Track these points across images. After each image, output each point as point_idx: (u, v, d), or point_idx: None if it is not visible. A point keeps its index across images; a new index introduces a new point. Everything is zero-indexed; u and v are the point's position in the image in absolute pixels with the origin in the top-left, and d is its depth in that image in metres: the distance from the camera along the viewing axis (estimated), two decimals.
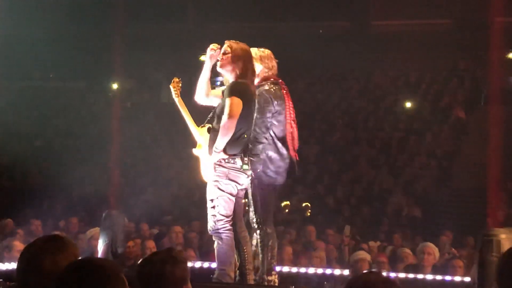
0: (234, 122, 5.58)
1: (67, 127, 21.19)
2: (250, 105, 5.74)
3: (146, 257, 3.63)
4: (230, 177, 5.71)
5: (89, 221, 12.14)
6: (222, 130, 5.61)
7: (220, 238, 5.75)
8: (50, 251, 3.24)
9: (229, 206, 5.75)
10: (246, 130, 5.74)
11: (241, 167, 5.71)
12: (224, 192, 5.71)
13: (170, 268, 3.47)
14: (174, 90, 6.34)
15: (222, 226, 5.73)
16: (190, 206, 15.78)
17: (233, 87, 5.70)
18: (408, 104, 20.94)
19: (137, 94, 22.53)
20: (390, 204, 16.27)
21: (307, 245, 9.95)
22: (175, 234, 9.97)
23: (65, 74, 23.80)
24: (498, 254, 5.10)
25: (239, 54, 5.83)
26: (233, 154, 5.68)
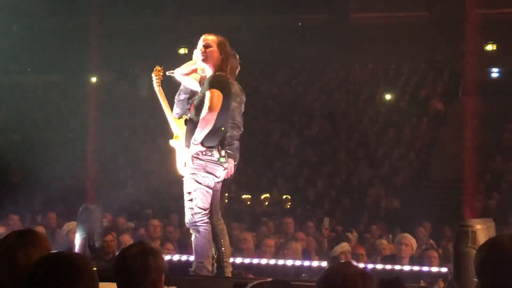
0: (214, 115, 5.57)
1: (45, 121, 21.06)
2: (228, 98, 5.74)
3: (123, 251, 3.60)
4: (208, 170, 5.69)
5: (67, 215, 12.07)
6: (202, 123, 5.60)
7: (197, 231, 5.74)
8: (23, 245, 3.22)
9: (206, 199, 5.73)
10: (224, 122, 5.73)
11: (218, 159, 5.69)
12: (202, 185, 5.70)
13: (154, 259, 3.46)
14: (156, 78, 6.29)
15: (200, 219, 5.71)
16: (169, 199, 15.74)
17: (214, 80, 5.67)
18: (387, 96, 21.03)
19: (116, 87, 22.42)
20: (369, 196, 16.34)
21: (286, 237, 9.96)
22: (153, 227, 9.95)
23: (42, 68, 23.63)
24: (473, 245, 5.12)
25: (220, 47, 5.81)
26: (210, 146, 5.66)
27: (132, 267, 3.43)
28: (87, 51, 9.61)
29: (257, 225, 12.19)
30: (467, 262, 5.10)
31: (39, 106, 22.09)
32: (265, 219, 12.66)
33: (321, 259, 8.51)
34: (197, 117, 5.66)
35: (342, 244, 8.42)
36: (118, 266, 3.50)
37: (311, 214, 14.33)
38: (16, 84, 23.28)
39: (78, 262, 2.65)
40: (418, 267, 7.30)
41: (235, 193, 15.31)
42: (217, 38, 5.86)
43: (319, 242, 10.46)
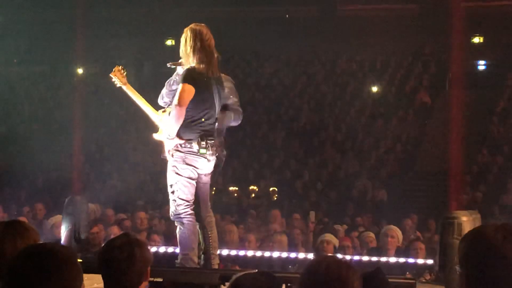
0: (183, 109, 5.53)
1: (31, 112, 20.97)
2: (204, 89, 5.68)
3: (109, 243, 3.60)
4: (187, 162, 5.67)
5: (53, 207, 12.03)
6: (171, 116, 5.60)
7: (181, 223, 5.72)
8: (10, 236, 3.20)
9: (188, 190, 5.71)
10: (204, 115, 5.69)
11: (198, 151, 5.66)
12: (182, 177, 5.68)
13: (139, 250, 3.47)
14: (117, 79, 6.15)
15: (183, 210, 5.69)
16: (156, 191, 15.72)
17: (185, 74, 5.65)
18: (374, 88, 21.05)
19: (102, 79, 22.32)
20: (356, 188, 16.38)
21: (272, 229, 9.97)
22: (140, 220, 9.93)
23: (28, 59, 23.49)
24: (459, 236, 5.13)
25: (192, 37, 5.75)
26: (189, 138, 5.64)
27: (117, 257, 3.43)
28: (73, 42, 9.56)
29: (244, 217, 12.20)
30: (453, 254, 5.11)
31: (25, 97, 21.99)
32: (252, 211, 12.68)
33: (307, 251, 8.51)
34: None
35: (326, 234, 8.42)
36: (103, 257, 3.49)
37: (298, 206, 14.36)
38: (2, 76, 23.14)
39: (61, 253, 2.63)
40: (404, 259, 7.32)
41: (222, 185, 15.30)
42: (187, 30, 5.80)
43: (305, 235, 10.47)
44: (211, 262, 5.91)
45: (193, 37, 5.73)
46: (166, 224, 10.09)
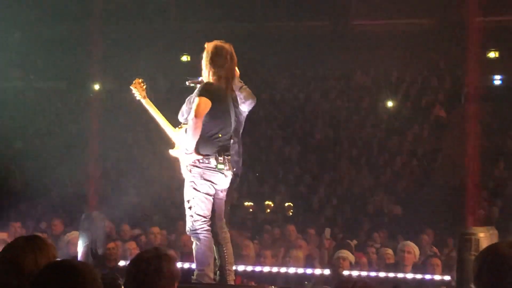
0: (199, 122, 5.56)
1: (48, 128, 21.07)
2: (221, 104, 5.71)
3: (138, 255, 3.62)
4: (205, 177, 5.69)
5: (69, 223, 12.07)
6: (189, 131, 5.62)
7: (198, 239, 5.73)
8: (30, 250, 3.23)
9: (206, 206, 5.72)
10: (221, 130, 5.71)
11: (216, 166, 5.68)
12: (200, 192, 5.70)
13: (167, 264, 3.49)
14: (137, 91, 6.19)
15: (200, 226, 5.70)
16: (171, 206, 15.73)
17: (202, 87, 5.70)
18: (389, 103, 21.01)
19: (118, 94, 22.42)
20: (371, 203, 16.32)
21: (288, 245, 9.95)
22: (153, 235, 9.94)
23: (45, 75, 23.64)
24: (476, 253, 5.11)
25: (212, 53, 5.82)
26: (206, 154, 5.66)
27: (144, 271, 3.45)
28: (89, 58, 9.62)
29: (259, 232, 12.19)
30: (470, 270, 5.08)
31: (41, 113, 22.11)
32: (267, 226, 12.65)
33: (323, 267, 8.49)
34: None
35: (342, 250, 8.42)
36: (131, 269, 3.51)
37: (313, 222, 14.32)
38: (19, 91, 23.30)
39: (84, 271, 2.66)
40: (421, 275, 7.28)
41: (237, 200, 15.30)
42: (210, 46, 5.87)
43: (320, 250, 10.44)
44: (226, 278, 5.91)
45: (215, 54, 5.80)
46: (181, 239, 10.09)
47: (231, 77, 5.87)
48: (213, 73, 5.78)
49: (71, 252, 7.78)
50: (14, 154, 19.00)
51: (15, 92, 23.23)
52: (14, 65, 22.85)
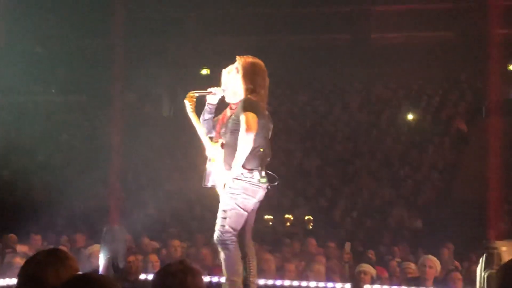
0: (252, 136, 5.59)
1: (69, 141, 21.19)
2: (261, 119, 5.76)
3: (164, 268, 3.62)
4: (247, 192, 5.72)
5: (90, 236, 12.11)
6: (241, 145, 5.62)
7: (227, 249, 5.74)
8: (52, 264, 3.24)
9: (239, 220, 5.75)
10: (261, 144, 5.76)
11: (259, 180, 5.72)
12: (239, 207, 5.73)
13: (192, 279, 3.47)
14: (189, 104, 6.28)
15: (229, 238, 5.73)
16: (191, 220, 15.76)
17: (246, 103, 5.71)
18: (409, 116, 20.94)
19: (139, 108, 22.54)
20: (391, 217, 16.25)
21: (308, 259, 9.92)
22: (173, 248, 9.95)
23: (66, 88, 23.81)
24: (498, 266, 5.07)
25: (247, 69, 5.86)
26: (251, 168, 5.70)
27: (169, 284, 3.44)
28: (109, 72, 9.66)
29: (279, 245, 12.16)
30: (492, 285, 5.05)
31: (62, 126, 22.25)
32: (287, 240, 12.62)
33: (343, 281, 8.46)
34: (233, 141, 5.70)
35: (363, 264, 8.40)
36: (157, 282, 3.51)
37: (334, 235, 14.27)
38: (40, 105, 23.47)
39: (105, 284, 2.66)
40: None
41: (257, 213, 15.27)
42: (245, 61, 5.90)
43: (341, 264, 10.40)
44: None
45: (252, 70, 5.84)
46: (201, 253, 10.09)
47: (265, 95, 5.92)
48: (250, 90, 5.81)
49: (93, 266, 7.81)
50: (36, 167, 19.12)
51: (37, 106, 23.42)
52: (36, 79, 23.05)
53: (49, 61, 22.29)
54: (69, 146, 20.82)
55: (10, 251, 9.02)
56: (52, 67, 22.64)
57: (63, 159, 19.85)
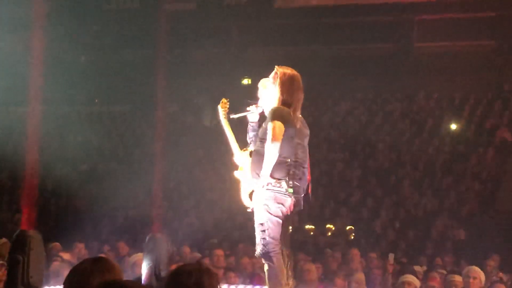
0: (277, 146, 5.62)
1: (112, 151, 21.40)
2: (290, 129, 5.76)
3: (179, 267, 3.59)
4: (278, 200, 5.74)
5: (133, 245, 12.20)
6: (267, 155, 5.65)
7: (271, 261, 5.77)
8: (97, 272, 3.27)
9: (277, 229, 5.78)
10: (289, 154, 5.77)
11: (287, 190, 5.74)
12: (273, 216, 5.75)
13: (208, 279, 3.46)
14: (222, 111, 6.37)
15: (273, 249, 5.75)
16: (232, 229, 15.79)
17: (275, 112, 5.75)
18: (453, 126, 20.74)
19: (180, 118, 22.69)
20: (435, 228, 16.08)
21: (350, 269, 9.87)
22: (217, 257, 9.98)
23: (109, 99, 24.08)
24: None
25: (284, 80, 5.88)
26: (278, 178, 5.71)
27: (185, 283, 3.42)
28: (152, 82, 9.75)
29: (320, 255, 12.12)
30: None
31: (105, 136, 22.49)
32: (329, 250, 12.58)
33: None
34: (262, 149, 5.72)
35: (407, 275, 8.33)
36: (171, 281, 3.49)
37: (375, 246, 14.18)
38: (84, 115, 23.77)
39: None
40: None
41: (298, 223, 15.26)
42: (281, 71, 5.92)
43: (383, 275, 10.33)
44: None
45: (288, 81, 5.88)
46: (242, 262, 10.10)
47: (298, 107, 5.93)
48: (283, 100, 5.84)
49: (136, 274, 7.86)
50: (80, 176, 19.35)
51: (80, 116, 23.72)
52: (80, 89, 23.35)
53: (93, 71, 22.56)
54: (112, 156, 21.02)
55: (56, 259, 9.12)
56: (96, 77, 22.91)
57: (106, 169, 20.06)
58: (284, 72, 5.93)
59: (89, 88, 23.68)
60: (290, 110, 5.82)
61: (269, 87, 5.97)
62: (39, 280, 6.35)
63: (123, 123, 23.57)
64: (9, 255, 6.40)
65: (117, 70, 22.64)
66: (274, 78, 5.93)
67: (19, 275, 6.17)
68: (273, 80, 5.93)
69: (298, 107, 5.94)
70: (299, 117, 6.14)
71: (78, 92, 23.62)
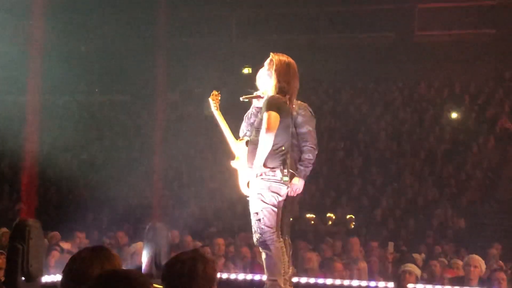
0: (272, 136, 5.62)
1: (112, 140, 21.40)
2: (286, 118, 5.75)
3: (174, 257, 3.59)
4: (272, 189, 5.75)
5: (133, 234, 12.22)
6: (261, 144, 5.65)
7: (268, 249, 5.79)
8: (97, 261, 3.27)
9: (273, 217, 5.79)
10: (284, 143, 5.77)
11: (281, 179, 5.74)
12: (268, 204, 5.76)
13: (202, 266, 3.44)
14: (213, 103, 6.40)
15: (269, 237, 5.77)
16: (232, 218, 15.80)
17: (270, 102, 5.72)
18: (454, 115, 20.71)
19: (181, 107, 22.68)
20: (435, 216, 16.09)
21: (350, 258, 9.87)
22: (218, 246, 9.99)
23: (110, 88, 24.05)
24: None
25: (280, 67, 5.83)
26: (272, 167, 5.71)
27: (179, 272, 3.41)
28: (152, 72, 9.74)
29: (320, 244, 12.13)
30: None
31: (106, 126, 22.48)
32: (329, 239, 12.58)
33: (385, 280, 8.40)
34: (257, 138, 5.72)
35: (408, 264, 8.35)
36: (167, 270, 3.49)
37: (376, 234, 14.19)
38: (84, 104, 23.75)
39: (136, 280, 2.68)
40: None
41: (299, 212, 15.26)
42: (277, 58, 5.87)
43: (383, 264, 10.34)
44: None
45: (282, 69, 5.82)
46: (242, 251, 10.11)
47: (294, 94, 5.90)
48: (279, 88, 5.80)
49: (136, 263, 7.87)
50: (80, 166, 19.36)
51: (81, 105, 23.69)
52: (80, 79, 23.31)
53: (93, 61, 22.52)
54: (113, 145, 21.02)
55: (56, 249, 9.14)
56: (96, 67, 22.87)
57: (106, 158, 20.06)
58: (280, 59, 5.87)
59: (89, 78, 23.65)
60: (286, 98, 5.79)
61: (264, 75, 5.93)
62: (39, 268, 6.36)
63: (124, 113, 23.55)
64: (9, 243, 6.41)
65: (117, 60, 22.58)
66: (269, 65, 5.89)
67: (18, 264, 6.18)
68: (269, 67, 5.89)
69: (295, 95, 5.91)
70: (303, 104, 6.12)
71: (78, 82, 23.59)
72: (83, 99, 24.05)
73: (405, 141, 19.47)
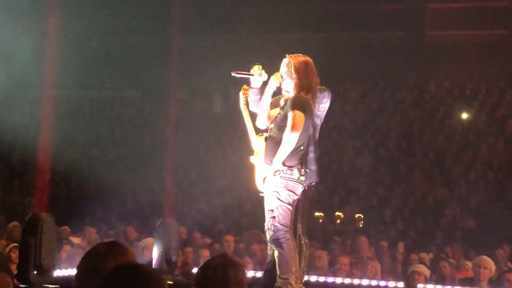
0: (296, 136, 5.67)
1: (122, 136, 21.45)
2: (309, 117, 5.80)
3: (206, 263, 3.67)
4: (289, 188, 5.78)
5: (143, 229, 12.26)
6: (285, 143, 5.68)
7: (281, 247, 5.81)
8: (113, 255, 3.30)
9: (288, 215, 5.81)
10: (304, 142, 5.80)
11: (298, 178, 5.76)
12: (283, 202, 5.78)
13: (233, 272, 3.51)
14: (244, 97, 6.39)
15: (283, 235, 5.79)
16: (241, 215, 15.82)
17: (295, 101, 5.77)
18: (464, 115, 20.67)
19: (191, 104, 22.70)
20: (444, 217, 16.07)
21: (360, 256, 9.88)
22: (227, 243, 10.01)
23: (120, 84, 24.09)
24: None
25: (300, 67, 5.88)
26: (291, 165, 5.73)
27: (211, 278, 3.48)
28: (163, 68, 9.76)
29: (329, 243, 12.14)
30: None
31: (116, 121, 22.53)
32: (337, 237, 12.59)
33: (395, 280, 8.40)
34: (278, 136, 5.75)
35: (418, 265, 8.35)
36: (199, 277, 3.56)
37: (385, 234, 14.18)
38: (95, 100, 23.80)
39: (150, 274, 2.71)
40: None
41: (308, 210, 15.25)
42: (296, 59, 5.92)
43: (392, 264, 10.34)
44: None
45: (302, 68, 5.88)
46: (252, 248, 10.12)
47: (316, 90, 5.94)
48: (301, 86, 5.85)
49: (146, 258, 7.91)
50: (90, 162, 19.40)
51: (91, 101, 23.75)
52: (90, 74, 23.36)
53: (104, 57, 22.56)
54: (123, 141, 21.07)
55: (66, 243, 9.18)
56: (107, 62, 22.91)
57: (117, 154, 20.11)
58: (297, 58, 5.94)
59: (100, 73, 23.70)
60: (309, 96, 5.85)
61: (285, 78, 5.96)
62: (52, 263, 6.40)
63: (134, 109, 23.60)
64: (22, 237, 6.45)
65: (128, 56, 22.63)
66: (287, 67, 5.94)
67: (31, 258, 6.22)
68: (287, 69, 5.94)
69: (316, 92, 5.96)
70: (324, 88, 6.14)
71: (89, 77, 23.63)
72: (94, 95, 24.10)
73: (414, 140, 19.44)
